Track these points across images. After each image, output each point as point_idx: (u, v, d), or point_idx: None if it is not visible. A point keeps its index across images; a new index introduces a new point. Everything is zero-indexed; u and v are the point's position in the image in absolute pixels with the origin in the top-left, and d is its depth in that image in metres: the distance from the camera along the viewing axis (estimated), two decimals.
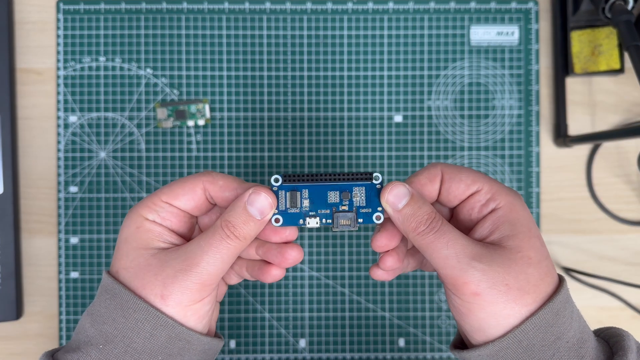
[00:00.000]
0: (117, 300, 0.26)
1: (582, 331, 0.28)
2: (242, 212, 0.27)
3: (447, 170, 0.29)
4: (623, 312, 0.52)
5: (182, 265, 0.26)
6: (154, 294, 0.26)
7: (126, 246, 0.27)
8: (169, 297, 0.26)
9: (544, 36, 0.52)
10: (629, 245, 0.52)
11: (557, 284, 0.28)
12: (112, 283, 0.27)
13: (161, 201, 0.28)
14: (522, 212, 0.28)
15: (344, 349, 0.51)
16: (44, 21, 0.52)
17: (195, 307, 0.27)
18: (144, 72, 0.51)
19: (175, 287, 0.26)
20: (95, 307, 0.28)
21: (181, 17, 0.51)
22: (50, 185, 0.51)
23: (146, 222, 0.27)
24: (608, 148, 0.52)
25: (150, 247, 0.27)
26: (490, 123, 0.52)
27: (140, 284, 0.26)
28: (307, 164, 0.52)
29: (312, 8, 0.52)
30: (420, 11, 0.52)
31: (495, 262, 0.26)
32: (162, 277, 0.26)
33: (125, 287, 0.26)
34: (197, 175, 0.29)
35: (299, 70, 0.52)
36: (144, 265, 0.26)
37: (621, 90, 0.52)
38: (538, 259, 0.27)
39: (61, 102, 0.51)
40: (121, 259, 0.27)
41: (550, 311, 0.26)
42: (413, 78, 0.52)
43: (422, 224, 0.27)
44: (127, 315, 0.26)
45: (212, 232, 0.26)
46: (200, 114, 0.51)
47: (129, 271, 0.27)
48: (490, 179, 0.29)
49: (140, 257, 0.27)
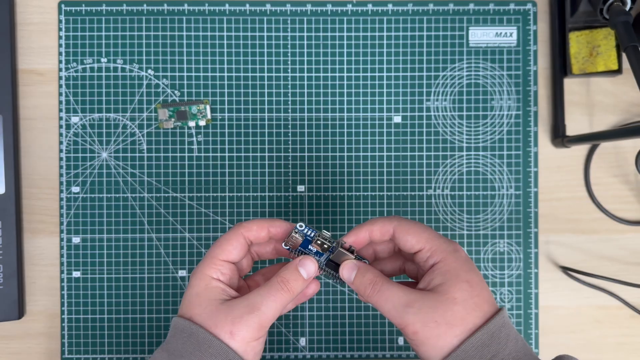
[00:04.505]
0: (194, 338, 0.32)
1: (519, 351, 0.33)
2: (294, 271, 0.35)
3: (398, 228, 0.36)
4: (621, 311, 0.52)
5: (247, 309, 0.33)
6: (224, 331, 0.33)
7: (198, 299, 0.34)
8: (236, 333, 0.33)
9: (542, 37, 0.53)
10: (627, 244, 0.53)
11: (492, 313, 0.34)
12: (188, 325, 0.33)
13: (220, 260, 0.36)
14: (454, 262, 0.34)
15: (343, 348, 0.52)
16: (46, 22, 0.52)
17: (254, 344, 0.34)
18: (145, 73, 0.52)
19: (242, 324, 0.33)
20: (171, 345, 0.33)
21: (182, 19, 0.52)
22: (52, 185, 0.52)
23: (212, 281, 0.35)
24: (606, 148, 0.53)
25: (218, 299, 0.34)
26: (489, 123, 0.52)
27: (213, 323, 0.33)
28: (307, 164, 0.52)
29: (312, 9, 0.52)
30: (419, 12, 0.52)
31: (426, 305, 0.33)
32: (231, 317, 0.33)
33: (201, 327, 0.33)
34: (236, 229, 0.36)
35: (299, 71, 0.52)
36: (215, 311, 0.33)
37: (619, 91, 0.53)
38: (464, 298, 0.33)
39: (63, 102, 0.51)
40: (194, 308, 0.34)
41: (485, 333, 0.32)
42: (412, 79, 0.52)
43: (367, 288, 0.35)
44: (203, 349, 0.32)
45: (270, 285, 0.34)
46: (201, 114, 0.51)
47: (202, 316, 0.33)
48: (432, 237, 0.35)
49: (211, 305, 0.34)
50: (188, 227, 0.52)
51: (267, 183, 0.52)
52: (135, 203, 0.51)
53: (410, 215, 0.52)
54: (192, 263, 0.52)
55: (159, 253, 0.52)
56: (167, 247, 0.52)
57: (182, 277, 0.52)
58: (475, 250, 0.52)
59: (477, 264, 0.52)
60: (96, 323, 0.51)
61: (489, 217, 0.52)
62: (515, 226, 0.52)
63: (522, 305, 0.52)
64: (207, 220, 0.52)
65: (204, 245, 0.52)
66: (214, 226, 0.52)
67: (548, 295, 0.52)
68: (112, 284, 0.51)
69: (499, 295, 0.52)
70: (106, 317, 0.51)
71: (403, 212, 0.52)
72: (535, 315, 0.52)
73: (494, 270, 0.52)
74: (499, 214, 0.52)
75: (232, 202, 0.52)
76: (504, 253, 0.52)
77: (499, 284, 0.52)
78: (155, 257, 0.51)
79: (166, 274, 0.52)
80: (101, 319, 0.51)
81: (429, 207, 0.52)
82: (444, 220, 0.52)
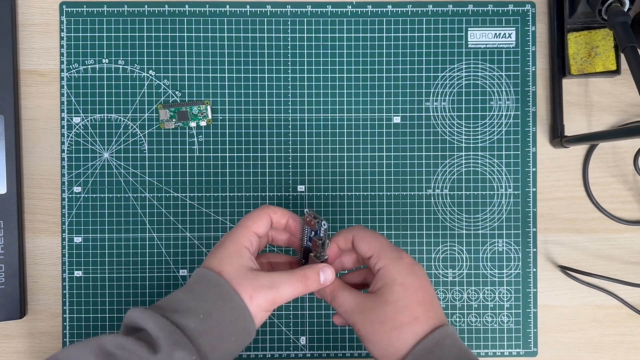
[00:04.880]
0: (219, 289, 0.37)
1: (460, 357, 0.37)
2: (315, 273, 0.39)
3: (356, 237, 0.40)
4: (619, 311, 0.53)
5: (269, 284, 0.37)
6: (246, 293, 0.37)
7: (230, 259, 0.38)
8: (255, 299, 0.37)
9: (541, 38, 0.53)
10: (625, 244, 0.53)
11: (426, 312, 0.38)
12: (217, 277, 0.37)
13: (251, 231, 0.39)
14: (394, 268, 0.38)
15: (343, 347, 0.52)
16: (47, 23, 0.52)
17: (262, 314, 0.38)
18: (146, 73, 0.52)
19: (262, 294, 0.37)
20: (196, 290, 0.37)
21: (183, 20, 0.52)
22: (54, 185, 0.52)
23: (244, 248, 0.39)
24: (604, 148, 0.53)
25: (246, 265, 0.38)
26: (488, 124, 0.52)
27: (238, 283, 0.37)
28: (307, 164, 0.52)
29: (312, 10, 0.52)
30: (418, 13, 0.52)
31: (367, 306, 0.38)
32: (255, 285, 0.37)
33: (229, 283, 0.37)
34: (264, 208, 0.41)
35: (299, 72, 0.52)
36: (243, 274, 0.37)
37: (617, 91, 0.53)
38: (394, 299, 0.37)
39: (64, 103, 0.52)
40: (225, 265, 0.38)
41: (430, 340, 0.36)
42: (411, 79, 0.52)
43: (328, 296, 0.41)
44: (225, 300, 0.36)
45: (293, 274, 0.38)
46: (202, 115, 0.52)
47: (231, 274, 0.37)
48: (381, 245, 0.39)
49: (240, 268, 0.38)
50: (189, 226, 0.52)
51: (268, 183, 0.52)
52: (137, 203, 0.52)
53: (410, 215, 0.52)
54: (193, 262, 0.52)
55: (160, 252, 0.52)
56: (168, 246, 0.52)
57: (182, 276, 0.52)
58: (475, 249, 0.52)
59: (476, 263, 0.52)
60: (97, 322, 0.51)
61: (488, 217, 0.52)
62: (514, 226, 0.52)
63: (521, 305, 0.52)
64: (207, 220, 0.52)
65: (204, 244, 0.52)
66: (214, 226, 0.52)
67: (547, 295, 0.53)
68: (114, 283, 0.52)
69: (497, 295, 0.52)
70: (107, 317, 0.52)
71: (403, 212, 0.52)
72: (534, 315, 0.52)
73: (492, 270, 0.52)
74: (497, 214, 0.52)
75: (233, 202, 0.52)
76: (502, 252, 0.52)
77: (497, 283, 0.52)
78: (157, 257, 0.52)
79: (167, 273, 0.52)
80: (102, 318, 0.52)
81: (428, 207, 0.52)
82: (443, 220, 0.52)
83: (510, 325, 0.52)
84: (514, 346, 0.52)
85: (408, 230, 0.52)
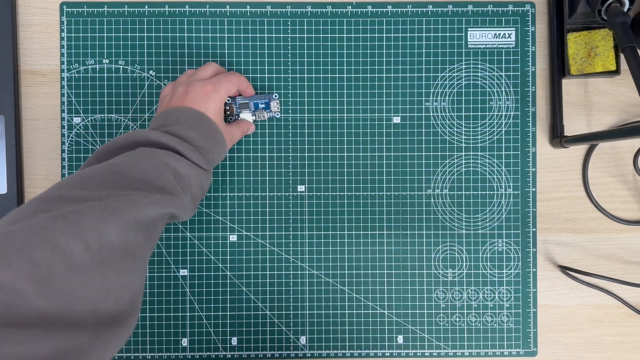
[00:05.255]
0: (207, 124, 0.45)
1: None
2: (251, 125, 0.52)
3: None
4: (619, 310, 0.53)
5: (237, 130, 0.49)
6: (225, 131, 0.47)
7: (215, 114, 0.46)
8: (233, 137, 0.49)
9: (541, 38, 0.53)
10: (625, 244, 0.53)
11: None
12: (206, 117, 0.45)
13: (228, 94, 0.48)
14: None
15: (343, 346, 0.52)
16: (48, 23, 0.52)
17: (231, 144, 0.49)
18: (146, 74, 0.52)
19: (237, 131, 0.49)
20: (187, 114, 0.44)
21: (183, 20, 0.52)
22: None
23: (223, 106, 0.48)
24: (604, 148, 0.53)
25: (222, 120, 0.47)
26: (488, 124, 0.53)
27: (219, 122, 0.46)
28: (307, 164, 0.52)
29: (312, 11, 0.52)
30: (418, 14, 0.52)
31: None
32: (230, 130, 0.48)
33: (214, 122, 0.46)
34: (237, 76, 0.49)
35: (299, 72, 0.52)
36: (222, 125, 0.47)
37: (617, 91, 0.53)
38: None
39: (65, 103, 0.52)
40: (212, 115, 0.45)
41: None
42: (411, 80, 0.52)
43: None
44: (213, 132, 0.45)
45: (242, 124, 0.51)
46: None
47: (215, 116, 0.46)
48: None
49: (221, 120, 0.47)
50: (189, 226, 0.52)
51: (268, 183, 0.52)
52: None
53: (410, 215, 0.52)
54: (193, 262, 0.52)
55: (160, 252, 0.52)
56: (169, 246, 0.52)
57: (183, 275, 0.52)
58: (474, 249, 0.52)
59: (476, 263, 0.52)
60: None
61: (488, 217, 0.53)
62: (513, 226, 0.52)
63: (521, 305, 0.52)
64: (207, 220, 0.52)
65: (204, 244, 0.52)
66: (214, 226, 0.52)
67: (546, 294, 0.53)
68: None
69: (497, 295, 0.52)
70: None
71: (403, 212, 0.52)
72: (534, 314, 0.52)
73: (492, 270, 0.52)
74: (497, 214, 0.52)
75: (233, 202, 0.52)
76: (502, 252, 0.52)
77: (497, 283, 0.52)
78: (157, 256, 0.52)
79: (167, 272, 0.52)
80: None
81: (428, 207, 0.52)
82: (443, 219, 0.52)
83: (510, 325, 0.52)
84: (514, 346, 0.52)
85: (408, 230, 0.52)
